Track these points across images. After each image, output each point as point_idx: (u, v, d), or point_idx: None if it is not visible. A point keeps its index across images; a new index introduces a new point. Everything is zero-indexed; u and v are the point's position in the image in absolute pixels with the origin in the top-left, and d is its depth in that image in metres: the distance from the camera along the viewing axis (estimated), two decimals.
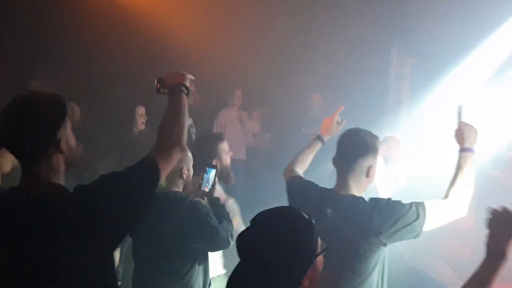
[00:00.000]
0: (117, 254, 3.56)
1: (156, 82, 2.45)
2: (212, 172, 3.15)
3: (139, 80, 7.08)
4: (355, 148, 2.67)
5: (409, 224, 2.48)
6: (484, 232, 1.94)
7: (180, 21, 7.52)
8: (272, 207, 1.79)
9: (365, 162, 2.65)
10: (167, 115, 2.31)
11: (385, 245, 2.58)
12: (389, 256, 2.69)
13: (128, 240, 3.48)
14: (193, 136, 6.62)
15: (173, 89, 2.37)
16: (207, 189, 3.12)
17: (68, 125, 1.97)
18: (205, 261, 3.01)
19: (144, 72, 7.32)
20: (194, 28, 7.55)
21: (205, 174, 3.14)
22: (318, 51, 7.93)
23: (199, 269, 2.95)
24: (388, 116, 8.04)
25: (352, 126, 2.83)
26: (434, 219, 2.52)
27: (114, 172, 2.03)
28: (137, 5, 7.82)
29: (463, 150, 2.62)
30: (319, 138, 3.25)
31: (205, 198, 3.15)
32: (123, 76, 7.53)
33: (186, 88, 2.38)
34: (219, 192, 3.22)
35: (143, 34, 7.56)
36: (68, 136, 1.96)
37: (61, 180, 1.95)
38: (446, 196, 2.57)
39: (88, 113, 5.97)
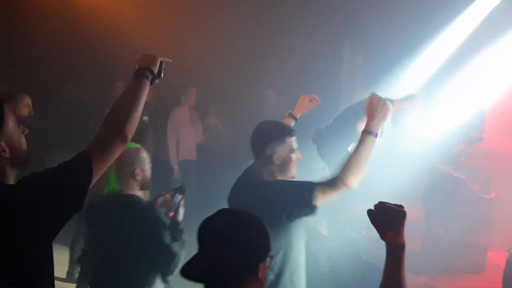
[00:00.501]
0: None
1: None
2: (179, 197, 3.00)
3: (89, 79, 6.96)
4: (256, 139, 2.93)
5: (302, 200, 2.68)
6: (433, 224, 1.99)
7: (134, 18, 7.43)
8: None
9: (267, 151, 2.85)
10: (119, 100, 2.11)
11: (290, 226, 2.74)
12: (343, 253, 2.78)
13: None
14: (149, 135, 6.52)
15: (136, 73, 2.19)
16: (172, 215, 2.95)
17: (8, 125, 1.86)
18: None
19: (94, 71, 7.23)
20: (151, 24, 7.48)
21: (174, 199, 2.99)
22: (272, 48, 7.97)
23: (154, 272, 2.88)
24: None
25: (305, 121, 2.94)
26: (324, 195, 2.69)
27: (45, 169, 1.87)
28: (88, 5, 7.68)
29: (367, 132, 2.72)
30: (290, 115, 3.43)
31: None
32: (73, 74, 7.38)
33: (151, 73, 2.20)
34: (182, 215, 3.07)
35: (95, 32, 7.42)
36: (9, 136, 1.86)
37: (8, 180, 1.87)
38: (338, 172, 2.70)
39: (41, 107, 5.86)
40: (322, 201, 2.70)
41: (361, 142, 2.70)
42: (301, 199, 2.69)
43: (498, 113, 6.05)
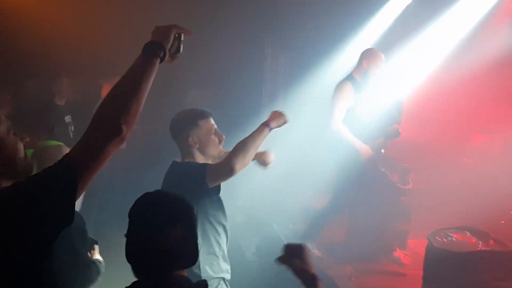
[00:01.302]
0: None
1: None
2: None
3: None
4: (172, 126, 3.21)
5: (196, 181, 2.93)
6: (355, 215, 2.03)
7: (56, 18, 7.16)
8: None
9: (183, 135, 3.13)
10: (117, 84, 1.72)
11: (200, 206, 2.95)
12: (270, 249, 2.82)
13: None
14: (71, 135, 6.28)
15: (143, 49, 1.80)
16: None
17: None
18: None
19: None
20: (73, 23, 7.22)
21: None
22: (196, 46, 7.87)
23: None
24: (264, 108, 8.24)
25: (233, 117, 3.02)
26: (214, 176, 2.95)
27: (27, 178, 1.63)
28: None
29: (266, 124, 3.06)
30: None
31: None
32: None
33: (162, 49, 1.81)
34: None
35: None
36: None
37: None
38: (227, 156, 2.97)
39: None
40: (213, 182, 2.93)
41: (257, 130, 3.02)
42: (194, 180, 2.92)
43: (414, 104, 6.29)
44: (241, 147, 2.92)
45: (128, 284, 1.82)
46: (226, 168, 2.88)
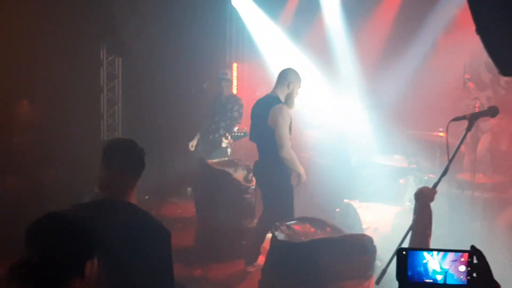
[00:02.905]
0: None
1: None
2: None
3: None
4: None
5: None
6: (204, 216, 2.04)
7: None
8: None
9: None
10: None
11: None
12: None
13: None
14: None
15: None
16: None
17: None
18: None
19: None
20: None
21: None
22: (27, 49, 7.34)
23: None
24: (105, 114, 8.01)
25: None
26: None
27: None
28: None
29: None
30: None
31: None
32: None
33: None
34: None
35: None
36: None
37: None
38: None
39: None
40: None
41: None
42: None
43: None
44: None
45: None
46: None
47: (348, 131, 6.74)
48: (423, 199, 3.05)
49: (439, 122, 4.77)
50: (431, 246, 2.43)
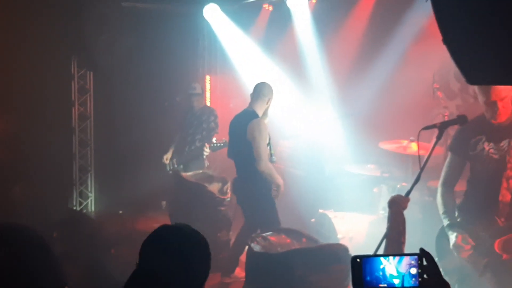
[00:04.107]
0: None
1: None
2: None
3: None
4: None
5: None
6: None
7: None
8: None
9: None
10: None
11: None
12: None
13: None
14: None
15: None
16: None
17: None
18: None
19: None
20: None
21: None
22: None
23: None
24: (76, 130, 7.93)
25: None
26: None
27: None
28: None
29: None
30: None
31: None
32: None
33: None
34: None
35: None
36: None
37: None
38: None
39: None
40: None
41: None
42: None
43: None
44: None
45: None
46: None
47: (322, 141, 6.79)
48: (396, 207, 3.10)
49: (410, 131, 4.83)
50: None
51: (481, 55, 1.96)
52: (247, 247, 4.60)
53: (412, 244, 2.69)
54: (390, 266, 1.63)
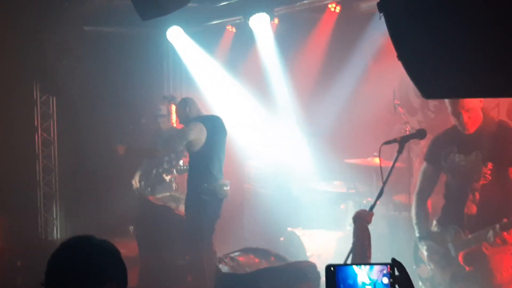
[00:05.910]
0: None
1: None
2: None
3: None
4: None
5: None
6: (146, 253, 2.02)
7: None
8: None
9: None
10: None
11: None
12: None
13: None
14: None
15: None
16: None
17: None
18: None
19: None
20: None
21: None
22: None
23: None
24: (40, 156, 7.79)
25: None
26: None
27: None
28: None
29: None
30: None
31: None
32: None
33: None
34: None
35: None
36: None
37: None
38: None
39: None
40: None
41: None
42: None
43: None
44: None
45: None
46: None
47: (288, 159, 6.83)
48: (361, 221, 3.14)
49: (374, 147, 4.90)
50: None
51: (435, 69, 2.01)
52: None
53: (379, 259, 2.71)
54: (362, 274, 1.66)
